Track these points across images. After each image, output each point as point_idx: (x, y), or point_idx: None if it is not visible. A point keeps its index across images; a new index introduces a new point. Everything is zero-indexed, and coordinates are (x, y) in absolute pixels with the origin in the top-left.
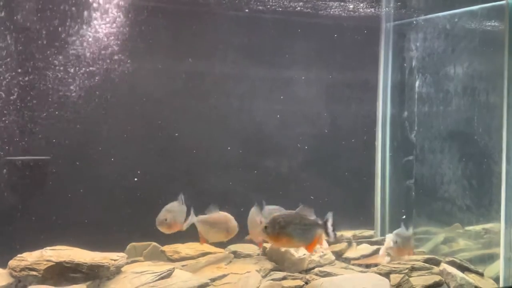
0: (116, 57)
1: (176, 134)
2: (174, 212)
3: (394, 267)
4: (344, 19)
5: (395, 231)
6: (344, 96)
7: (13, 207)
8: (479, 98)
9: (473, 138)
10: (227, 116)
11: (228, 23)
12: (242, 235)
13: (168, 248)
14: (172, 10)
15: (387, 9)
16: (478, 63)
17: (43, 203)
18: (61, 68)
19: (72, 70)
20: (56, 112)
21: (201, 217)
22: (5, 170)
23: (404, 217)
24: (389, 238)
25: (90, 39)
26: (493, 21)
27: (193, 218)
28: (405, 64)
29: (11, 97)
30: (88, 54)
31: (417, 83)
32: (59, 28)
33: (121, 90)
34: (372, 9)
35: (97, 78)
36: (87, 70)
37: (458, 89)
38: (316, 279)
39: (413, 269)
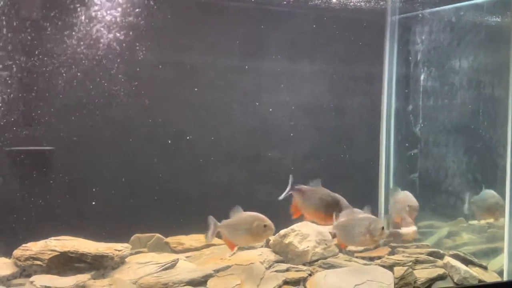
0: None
1: (182, 128)
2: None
3: (398, 260)
4: (349, 12)
5: None
6: (349, 90)
7: (17, 197)
8: (484, 91)
9: (478, 131)
10: (236, 110)
11: (236, 15)
12: None
13: (172, 240)
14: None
15: (392, 2)
16: (484, 57)
17: (48, 193)
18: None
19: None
20: (64, 103)
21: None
22: (10, 160)
23: None
24: None
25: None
26: (499, 14)
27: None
28: (410, 58)
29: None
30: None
31: (422, 77)
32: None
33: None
34: (378, 3)
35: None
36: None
37: (463, 83)
38: (319, 271)
39: (417, 262)
